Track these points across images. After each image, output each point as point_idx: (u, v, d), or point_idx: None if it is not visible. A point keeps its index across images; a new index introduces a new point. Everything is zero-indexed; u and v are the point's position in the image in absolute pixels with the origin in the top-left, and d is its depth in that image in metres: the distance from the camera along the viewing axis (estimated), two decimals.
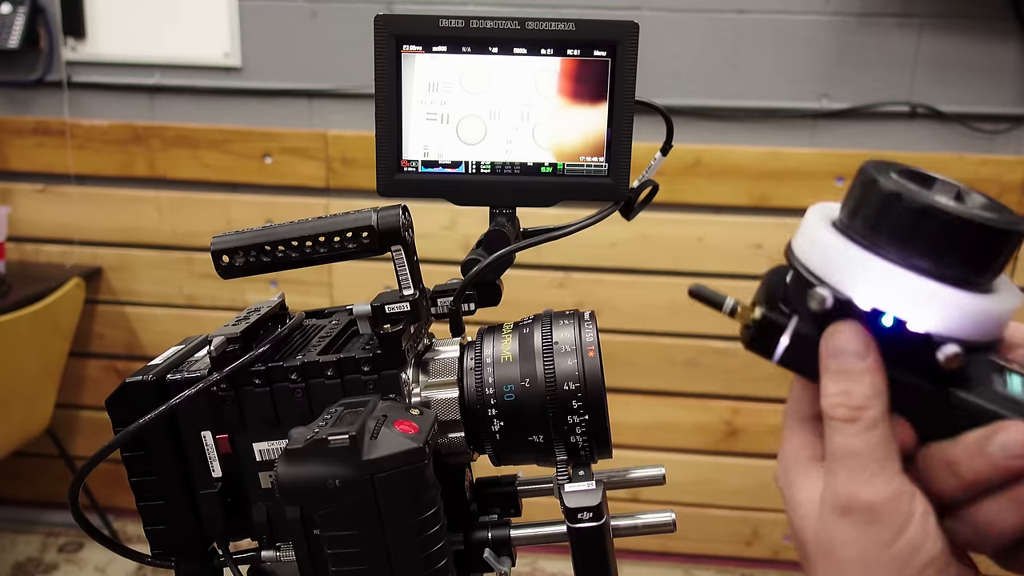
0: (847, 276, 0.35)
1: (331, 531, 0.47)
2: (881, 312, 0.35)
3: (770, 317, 0.38)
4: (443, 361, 0.54)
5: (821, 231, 0.37)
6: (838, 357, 0.36)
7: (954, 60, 1.99)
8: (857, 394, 0.36)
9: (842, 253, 0.36)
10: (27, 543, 2.37)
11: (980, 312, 0.34)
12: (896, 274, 0.34)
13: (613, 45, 0.58)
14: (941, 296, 0.34)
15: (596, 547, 0.49)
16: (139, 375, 0.53)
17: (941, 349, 0.34)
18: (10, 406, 2.05)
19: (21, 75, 2.24)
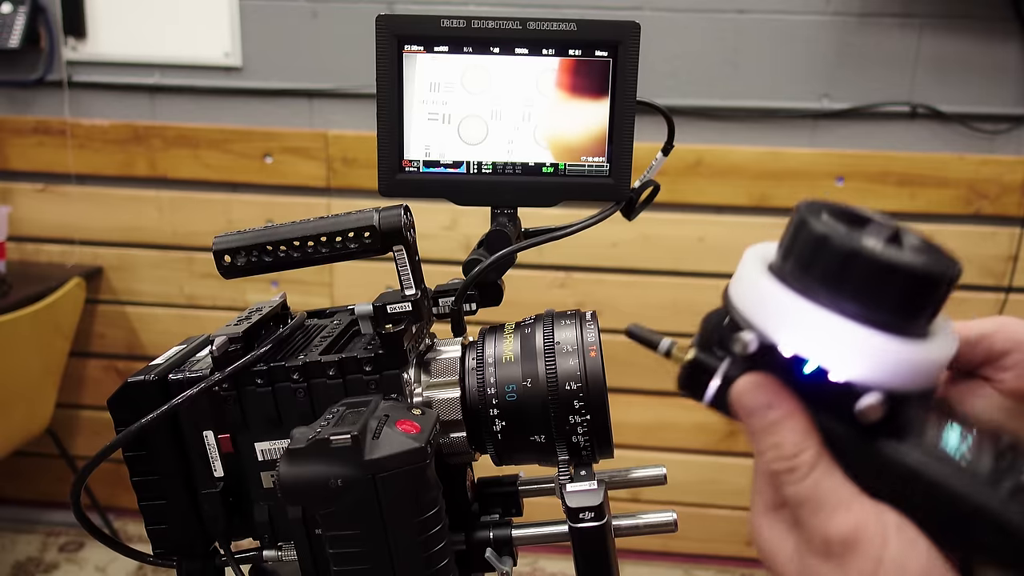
0: (773, 320, 0.34)
1: (333, 531, 0.47)
2: (803, 359, 0.34)
3: (702, 359, 0.38)
4: (445, 361, 0.54)
5: (754, 274, 0.36)
6: (751, 416, 0.36)
7: (954, 60, 1.99)
8: (786, 444, 0.35)
9: (770, 296, 0.35)
10: (27, 543, 2.37)
11: (907, 359, 0.33)
12: (821, 320, 0.33)
13: (614, 45, 0.58)
14: (865, 343, 0.33)
15: (598, 547, 0.49)
16: (141, 375, 0.53)
17: (861, 399, 0.33)
18: (11, 406, 2.05)
19: (22, 75, 2.24)
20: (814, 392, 0.34)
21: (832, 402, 0.34)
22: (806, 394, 0.35)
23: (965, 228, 2.07)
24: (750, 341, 0.35)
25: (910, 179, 2.05)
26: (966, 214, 2.05)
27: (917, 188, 2.05)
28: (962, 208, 2.05)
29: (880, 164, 2.05)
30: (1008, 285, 2.07)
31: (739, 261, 0.39)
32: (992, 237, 2.06)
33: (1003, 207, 2.04)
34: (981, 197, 2.04)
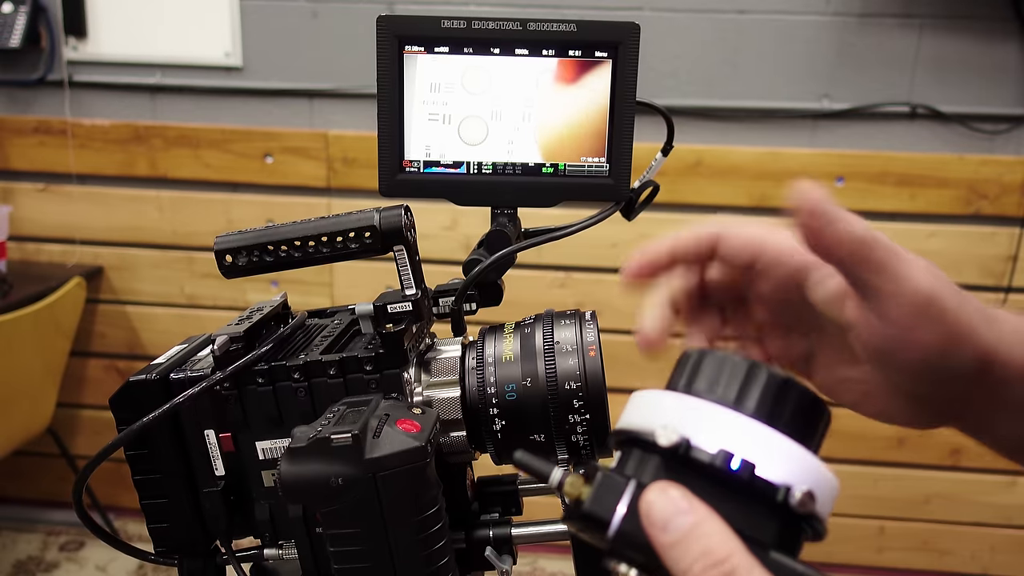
0: (691, 421, 0.34)
1: (334, 529, 0.47)
2: (730, 454, 0.33)
3: (610, 475, 0.34)
4: (445, 360, 0.55)
5: (658, 393, 0.37)
6: (668, 525, 0.32)
7: (954, 60, 1.99)
8: (716, 548, 0.31)
9: (685, 403, 0.35)
10: (28, 542, 2.38)
11: (818, 467, 0.34)
12: (746, 421, 0.34)
13: (614, 46, 0.58)
14: (784, 441, 0.34)
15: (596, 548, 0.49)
16: (142, 374, 0.53)
17: (793, 489, 0.33)
18: (12, 405, 2.05)
19: (22, 74, 2.25)
20: (737, 489, 0.33)
21: (757, 497, 0.33)
22: (721, 493, 0.33)
23: (965, 228, 2.07)
24: (670, 434, 0.33)
25: (910, 179, 2.05)
26: (966, 214, 2.06)
27: (917, 188, 2.05)
28: (962, 208, 2.05)
29: (880, 164, 2.05)
30: (1008, 285, 2.08)
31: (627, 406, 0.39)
32: (992, 237, 2.06)
33: (1003, 207, 2.04)
34: (981, 197, 2.04)
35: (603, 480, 0.34)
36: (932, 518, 2.25)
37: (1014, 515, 2.22)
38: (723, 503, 0.32)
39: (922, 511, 2.24)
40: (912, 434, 2.20)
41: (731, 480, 0.33)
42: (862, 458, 2.22)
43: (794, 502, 0.32)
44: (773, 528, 0.33)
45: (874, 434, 2.21)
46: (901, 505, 2.24)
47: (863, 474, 2.23)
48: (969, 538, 2.25)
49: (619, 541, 0.33)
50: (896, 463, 2.23)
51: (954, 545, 2.26)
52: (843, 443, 2.22)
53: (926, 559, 2.27)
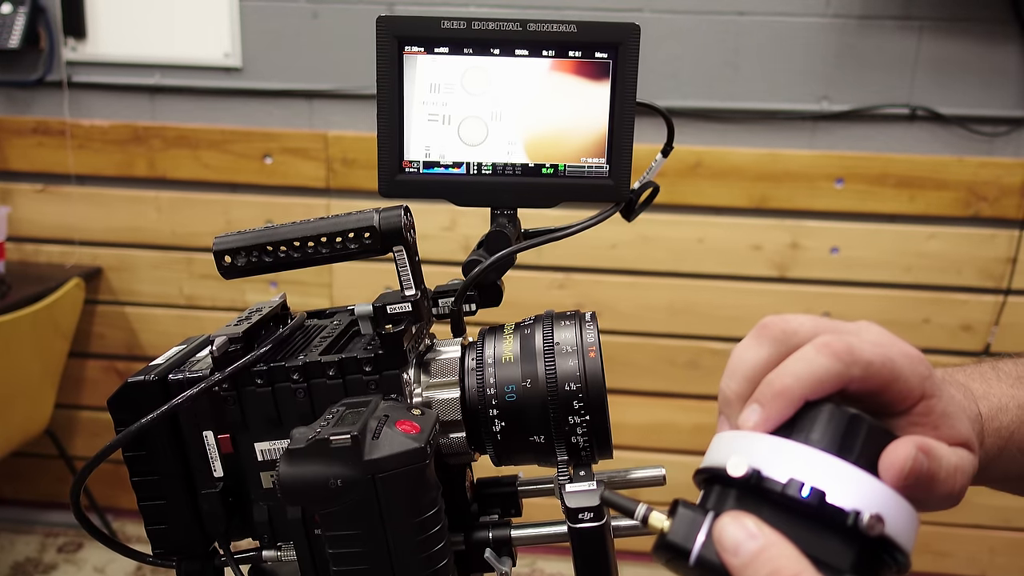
0: (763, 453, 0.36)
1: (332, 531, 0.47)
2: (800, 482, 0.34)
3: (686, 511, 0.36)
4: (444, 361, 0.54)
5: (736, 433, 0.39)
6: (739, 548, 0.33)
7: (954, 62, 1.99)
8: (782, 567, 0.33)
9: (758, 439, 0.37)
10: (26, 543, 2.37)
11: (891, 496, 0.35)
12: (816, 453, 0.35)
13: (615, 47, 0.58)
14: (856, 473, 0.35)
15: (597, 547, 0.49)
16: (141, 375, 0.53)
17: (862, 514, 0.34)
18: (10, 406, 2.05)
19: (21, 75, 2.25)
20: (809, 516, 0.34)
21: (828, 523, 0.34)
22: (795, 522, 0.34)
23: (964, 230, 2.07)
24: (740, 464, 0.35)
25: (909, 181, 2.05)
26: (965, 216, 2.06)
27: (916, 190, 2.05)
28: (961, 210, 2.05)
29: (879, 166, 2.05)
30: (1007, 287, 2.08)
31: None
32: (991, 239, 2.06)
33: (1002, 209, 2.04)
34: (980, 199, 2.04)
35: (683, 513, 0.36)
36: (931, 520, 2.24)
37: (1013, 517, 2.22)
38: (796, 530, 0.34)
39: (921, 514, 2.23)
40: None
41: (802, 507, 0.34)
42: None
43: (863, 526, 0.33)
44: (850, 556, 0.34)
45: None
46: None
47: None
48: (968, 540, 2.25)
49: (699, 567, 0.35)
50: None
51: (953, 547, 2.26)
52: None
53: (925, 561, 2.27)
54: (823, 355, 0.38)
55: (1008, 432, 0.47)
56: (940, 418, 0.40)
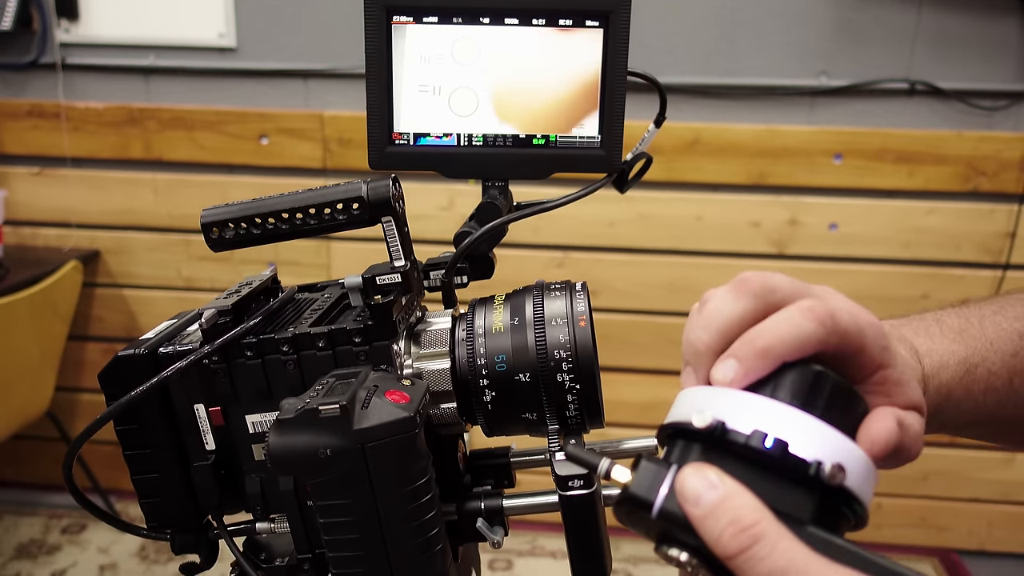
0: (725, 406, 0.36)
1: (323, 500, 0.47)
2: (764, 434, 0.34)
3: (649, 461, 0.36)
4: (435, 332, 0.54)
5: (701, 388, 0.39)
6: (700, 499, 0.34)
7: (954, 36, 1.98)
8: (744, 515, 0.33)
9: (721, 391, 0.37)
10: (30, 525, 2.39)
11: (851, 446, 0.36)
12: (779, 406, 0.36)
13: (606, 15, 0.57)
14: (818, 425, 0.35)
15: (587, 515, 0.49)
16: (131, 348, 0.53)
17: (824, 464, 0.34)
18: (10, 388, 2.06)
19: (15, 57, 2.23)
20: (772, 468, 0.34)
21: (791, 475, 0.34)
22: (758, 474, 0.35)
23: (963, 205, 2.06)
24: (705, 416, 0.35)
25: (908, 156, 2.04)
26: (964, 191, 2.05)
27: (915, 165, 2.04)
28: (960, 185, 2.05)
29: (878, 141, 2.04)
30: (1006, 262, 2.07)
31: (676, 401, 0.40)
32: (990, 214, 2.06)
33: (1001, 184, 2.03)
34: (979, 174, 2.03)
35: (646, 466, 0.36)
36: (930, 494, 2.26)
37: (1011, 491, 2.23)
38: (759, 482, 0.34)
39: (920, 488, 2.25)
40: None
41: (766, 459, 0.34)
42: None
43: (824, 475, 0.33)
44: (810, 506, 0.34)
45: None
46: (899, 482, 2.24)
47: None
48: (967, 514, 2.26)
49: (661, 519, 0.34)
50: None
51: (952, 521, 2.27)
52: None
53: (924, 535, 2.28)
54: (808, 319, 0.38)
55: (947, 389, 0.49)
56: (894, 386, 0.40)
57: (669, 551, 0.34)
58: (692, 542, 0.33)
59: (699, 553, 0.33)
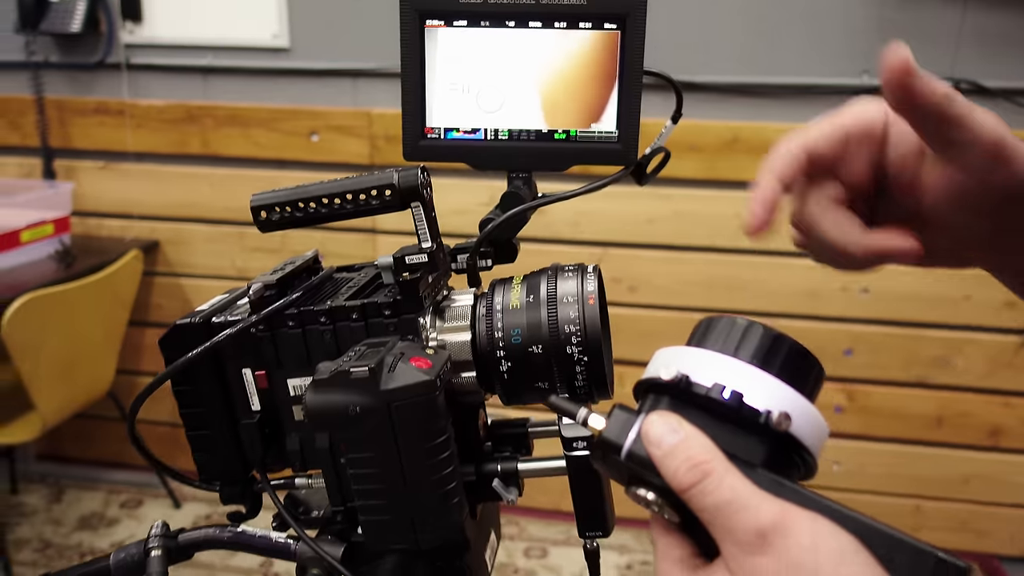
0: (689, 362, 0.41)
1: (353, 454, 0.52)
2: (723, 386, 0.39)
3: (624, 410, 0.41)
4: (458, 308, 0.59)
5: (671, 349, 0.43)
6: (661, 440, 0.38)
7: (999, 34, 1.96)
8: (696, 454, 0.37)
9: (685, 350, 0.42)
10: (91, 499, 2.52)
11: (798, 398, 0.39)
12: (738, 363, 0.40)
13: (623, 18, 0.62)
14: (770, 379, 0.39)
15: (590, 473, 0.54)
16: (188, 318, 0.60)
17: (772, 412, 0.38)
18: (76, 368, 2.18)
19: (83, 57, 2.36)
20: (729, 418, 0.39)
21: (745, 423, 0.39)
22: (717, 423, 0.39)
23: None
24: (672, 370, 0.40)
25: None
26: None
27: None
28: None
29: None
30: None
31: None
32: None
33: None
34: None
35: (618, 414, 0.40)
36: (971, 498, 2.23)
37: None
38: (717, 430, 0.39)
39: (961, 491, 2.22)
40: (950, 414, 2.19)
41: (724, 409, 0.39)
42: (899, 437, 2.22)
43: (772, 422, 0.38)
44: (761, 452, 0.39)
45: (911, 413, 2.20)
46: (939, 485, 2.23)
47: (900, 452, 2.23)
48: (1009, 519, 2.23)
49: (629, 460, 0.39)
50: (934, 442, 2.21)
51: (993, 526, 2.25)
52: (880, 422, 2.22)
53: (964, 539, 2.26)
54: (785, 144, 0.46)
55: None
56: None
57: (638, 491, 0.39)
58: (657, 483, 0.38)
59: (663, 492, 0.38)
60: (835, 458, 2.26)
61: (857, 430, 2.23)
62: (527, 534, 2.38)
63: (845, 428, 2.23)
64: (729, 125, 2.08)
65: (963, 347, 2.12)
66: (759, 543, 0.35)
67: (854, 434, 2.24)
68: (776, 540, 0.35)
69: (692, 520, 0.38)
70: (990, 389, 2.15)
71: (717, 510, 0.36)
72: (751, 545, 0.35)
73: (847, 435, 2.24)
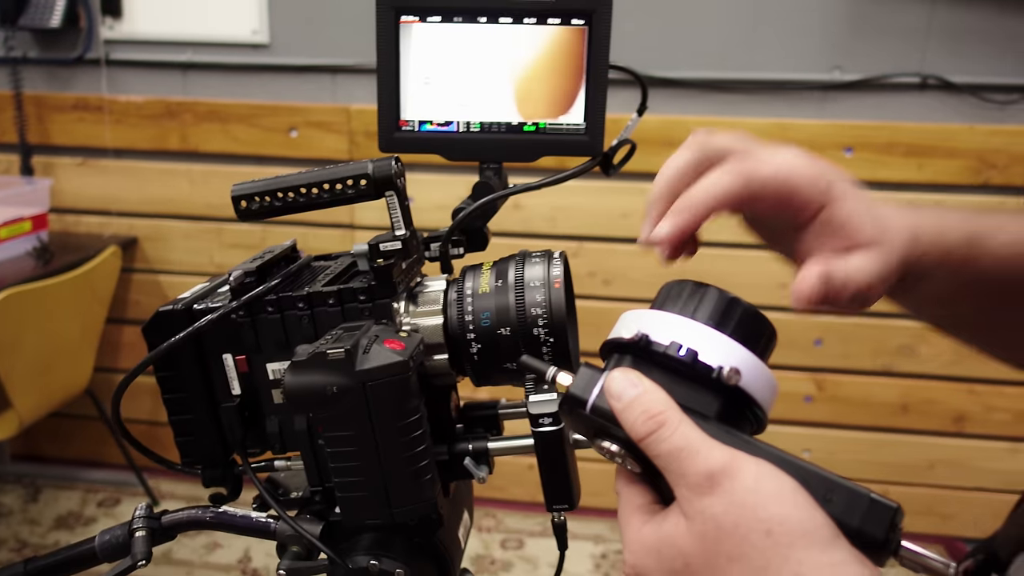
0: (649, 323, 0.44)
1: (330, 432, 0.55)
2: (679, 344, 0.42)
3: (590, 367, 0.44)
4: (431, 294, 0.62)
5: (632, 312, 0.46)
6: (622, 394, 0.41)
7: (967, 31, 2.01)
8: (653, 406, 0.40)
9: (646, 313, 0.45)
10: (68, 498, 2.52)
11: (751, 358, 0.42)
12: (693, 324, 0.43)
13: (589, 14, 0.64)
14: (723, 338, 0.42)
15: (556, 449, 0.56)
16: (170, 305, 0.62)
17: (723, 368, 0.41)
18: (54, 365, 2.18)
19: (62, 53, 2.35)
20: (685, 374, 0.42)
21: (700, 379, 0.42)
22: (674, 379, 0.42)
23: (973, 198, 2.09)
24: (633, 330, 0.43)
25: (918, 150, 2.07)
26: (975, 184, 2.08)
27: (925, 159, 2.08)
28: (971, 178, 2.08)
29: (888, 135, 2.07)
30: None
31: None
32: (1001, 207, 2.08)
33: (1012, 177, 2.06)
34: (990, 167, 2.06)
35: (584, 372, 0.44)
36: (936, 483, 2.29)
37: (1017, 481, 2.25)
38: (674, 385, 0.42)
39: (926, 476, 2.28)
40: (916, 401, 2.24)
41: (680, 365, 0.42)
42: (867, 424, 2.27)
43: (723, 377, 0.41)
44: (715, 406, 0.42)
45: (878, 400, 2.25)
46: (905, 470, 2.28)
47: (868, 439, 2.28)
48: (973, 503, 2.29)
49: (593, 413, 0.42)
50: (901, 429, 2.27)
51: (958, 510, 2.30)
52: (849, 410, 2.27)
53: (929, 523, 2.31)
54: (728, 175, 0.46)
55: (947, 249, 0.51)
56: (839, 227, 0.47)
57: (602, 444, 0.42)
58: (619, 434, 0.41)
59: (625, 444, 0.41)
60: (806, 446, 2.30)
61: (827, 418, 2.28)
62: (504, 526, 2.41)
63: (815, 417, 2.27)
64: (704, 120, 2.11)
65: (928, 336, 2.18)
66: (708, 485, 0.38)
67: (824, 422, 2.28)
68: (724, 482, 0.38)
69: (652, 470, 0.41)
70: (954, 377, 2.21)
71: (671, 456, 0.39)
72: (701, 487, 0.38)
73: (817, 423, 2.28)
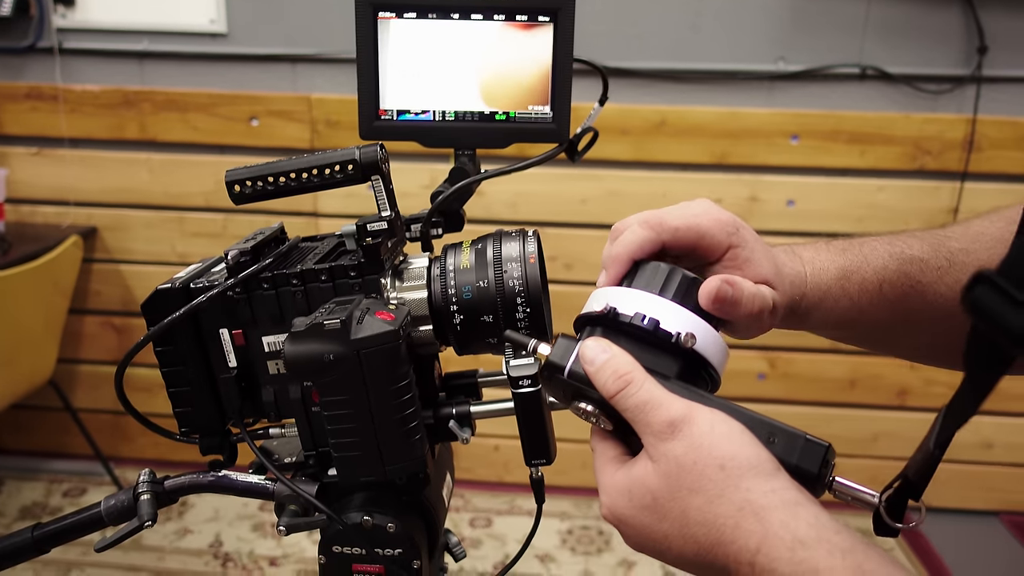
0: (617, 297, 0.51)
1: (327, 397, 0.60)
2: (643, 315, 0.49)
3: (567, 337, 0.51)
4: (415, 270, 0.67)
5: (603, 289, 0.54)
6: (594, 359, 0.49)
7: (902, 24, 2.11)
8: (621, 366, 0.48)
9: (613, 289, 0.52)
10: (32, 489, 2.50)
11: (707, 328, 0.50)
12: (654, 297, 0.50)
13: (555, 12, 0.70)
14: (680, 310, 0.50)
15: (534, 408, 0.62)
16: (168, 283, 0.66)
17: (681, 333, 0.48)
18: (16, 357, 2.16)
19: (13, 42, 2.32)
20: (649, 341, 0.48)
21: (662, 345, 0.48)
22: (639, 346, 0.49)
23: (910, 183, 2.21)
24: (602, 303, 0.50)
25: (860, 137, 2.18)
26: (911, 169, 2.20)
27: (866, 145, 2.19)
28: (907, 164, 2.19)
29: (832, 123, 2.18)
30: None
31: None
32: (935, 191, 2.20)
33: (945, 163, 2.18)
34: (925, 153, 2.18)
35: (562, 341, 0.51)
36: (880, 455, 2.42)
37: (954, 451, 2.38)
38: (639, 350, 0.49)
39: (871, 448, 2.41)
40: (863, 376, 2.36)
41: (644, 334, 0.48)
42: (817, 400, 2.39)
43: (681, 341, 0.48)
44: (675, 368, 0.49)
45: (828, 377, 2.37)
46: (851, 443, 2.40)
47: (817, 414, 2.40)
48: None
49: (570, 377, 0.49)
50: (847, 404, 2.39)
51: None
52: (799, 385, 2.38)
53: None
54: (640, 228, 0.54)
55: (826, 287, 0.62)
56: (744, 262, 0.55)
57: (579, 405, 0.48)
58: (593, 395, 0.47)
59: (598, 404, 0.47)
60: None
61: (779, 395, 2.39)
62: (472, 505, 2.47)
63: (768, 394, 2.38)
64: (657, 109, 2.19)
65: None
66: (670, 431, 0.45)
67: (776, 399, 2.39)
68: (683, 427, 0.45)
69: (622, 427, 0.47)
70: None
71: (637, 409, 0.46)
72: (664, 434, 0.45)
73: (770, 399, 2.39)
